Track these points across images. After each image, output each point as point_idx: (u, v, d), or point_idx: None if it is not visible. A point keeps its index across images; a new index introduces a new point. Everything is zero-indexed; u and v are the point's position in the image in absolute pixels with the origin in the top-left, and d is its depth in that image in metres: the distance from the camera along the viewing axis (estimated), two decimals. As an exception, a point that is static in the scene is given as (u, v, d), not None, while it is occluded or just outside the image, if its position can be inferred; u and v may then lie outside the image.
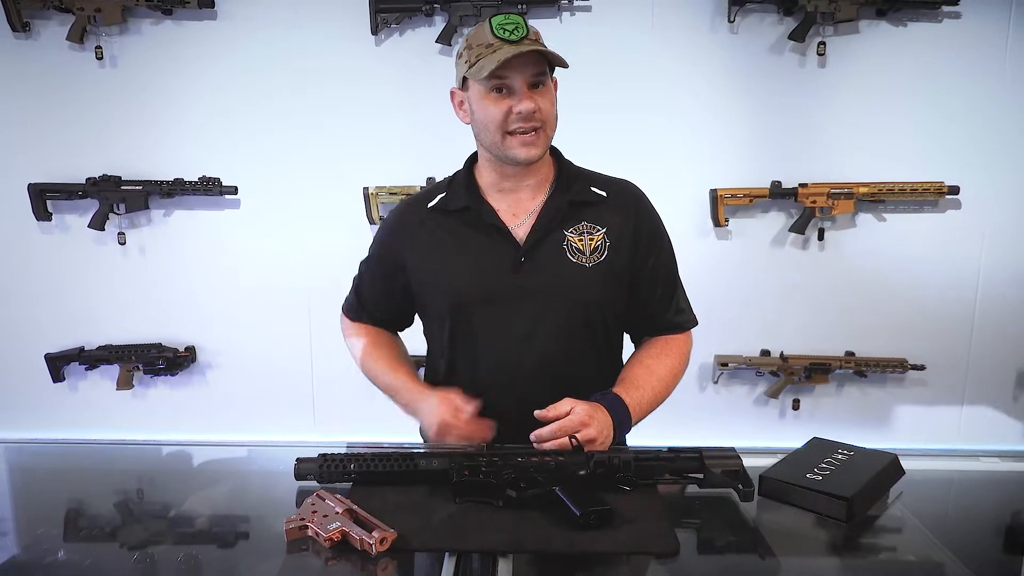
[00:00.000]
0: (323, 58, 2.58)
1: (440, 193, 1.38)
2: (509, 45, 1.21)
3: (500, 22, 1.23)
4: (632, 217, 1.36)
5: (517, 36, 1.22)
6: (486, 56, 1.22)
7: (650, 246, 1.38)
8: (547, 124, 1.27)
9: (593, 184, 1.38)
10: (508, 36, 1.22)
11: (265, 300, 2.72)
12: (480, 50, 1.24)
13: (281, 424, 2.76)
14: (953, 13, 2.49)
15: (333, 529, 0.95)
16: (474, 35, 1.26)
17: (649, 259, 1.38)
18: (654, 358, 1.39)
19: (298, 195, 2.66)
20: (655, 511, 1.04)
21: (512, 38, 1.22)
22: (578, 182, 1.37)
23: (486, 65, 1.22)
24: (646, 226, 1.38)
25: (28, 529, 1.13)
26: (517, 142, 1.26)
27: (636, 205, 1.38)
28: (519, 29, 1.23)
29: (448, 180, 1.41)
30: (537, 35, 1.26)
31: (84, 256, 2.71)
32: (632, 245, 1.35)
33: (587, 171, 1.41)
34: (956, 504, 1.28)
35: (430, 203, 1.38)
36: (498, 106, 1.25)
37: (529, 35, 1.24)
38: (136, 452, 1.56)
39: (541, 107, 1.25)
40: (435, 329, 1.40)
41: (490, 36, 1.23)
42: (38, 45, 2.58)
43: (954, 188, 2.54)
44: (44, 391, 2.76)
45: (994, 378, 2.70)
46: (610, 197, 1.37)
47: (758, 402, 2.76)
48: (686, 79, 2.57)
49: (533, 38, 1.24)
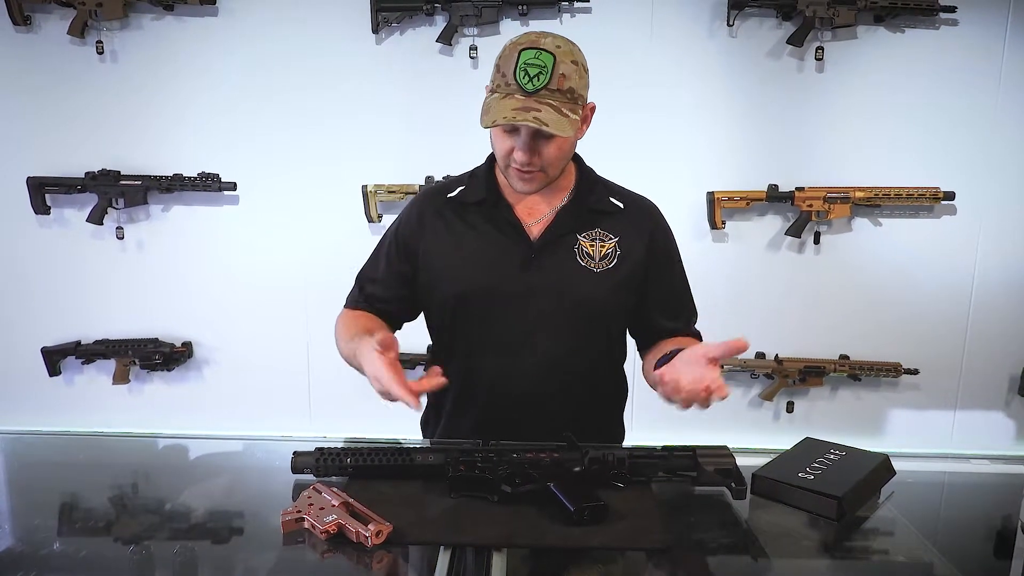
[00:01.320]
0: (324, 56, 2.59)
1: (460, 186, 1.39)
2: (522, 95, 1.19)
3: (527, 60, 1.19)
4: (647, 232, 1.38)
5: (534, 86, 1.18)
6: (498, 97, 1.22)
7: (667, 263, 1.41)
8: (548, 168, 1.27)
9: (612, 194, 1.40)
10: (526, 84, 1.19)
11: (262, 297, 2.73)
12: (499, 81, 1.22)
13: (277, 421, 2.77)
14: (950, 20, 2.51)
15: (329, 522, 0.96)
16: (505, 59, 1.22)
17: (665, 275, 1.41)
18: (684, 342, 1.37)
19: (297, 192, 2.67)
20: (648, 508, 1.05)
21: (529, 88, 1.19)
22: (597, 190, 1.38)
23: (489, 115, 1.22)
24: (661, 243, 1.40)
25: (23, 520, 1.13)
26: (515, 175, 1.28)
27: (652, 221, 1.40)
28: (541, 75, 1.18)
29: (469, 174, 1.42)
30: (563, 80, 1.19)
31: (82, 250, 2.71)
32: (645, 259, 1.36)
33: (607, 181, 1.43)
34: (945, 505, 1.30)
35: (449, 194, 1.39)
36: (503, 142, 1.26)
37: (552, 83, 1.19)
38: (132, 444, 1.56)
39: (543, 155, 1.24)
40: (439, 320, 1.39)
41: (511, 74, 1.20)
42: (39, 39, 2.58)
43: (949, 194, 2.56)
44: (40, 385, 2.77)
45: (987, 383, 2.72)
46: (627, 209, 1.39)
47: (752, 404, 2.77)
48: (685, 82, 2.58)
49: (556, 86, 1.19)
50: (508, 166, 1.28)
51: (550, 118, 1.19)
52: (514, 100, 1.20)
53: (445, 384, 1.13)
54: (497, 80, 1.24)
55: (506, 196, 1.36)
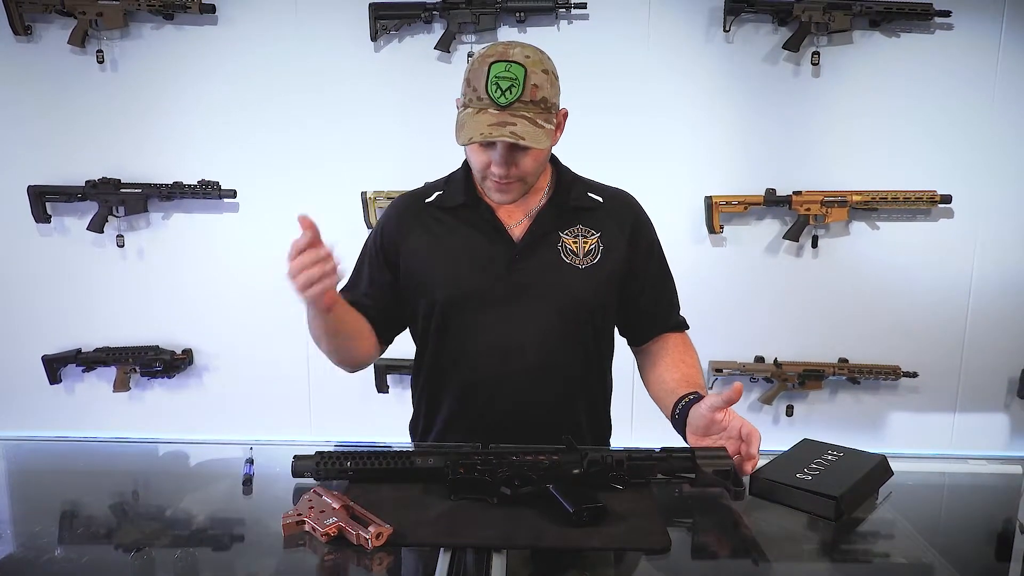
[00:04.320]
0: (323, 64, 2.60)
1: (437, 190, 1.40)
2: (495, 109, 1.20)
3: (498, 73, 1.19)
4: (628, 225, 1.39)
5: (507, 100, 1.19)
6: (471, 112, 1.22)
7: (649, 254, 1.42)
8: (525, 178, 1.28)
9: (590, 190, 1.40)
10: (499, 98, 1.19)
11: (263, 304, 2.73)
12: (471, 96, 1.22)
13: (277, 428, 2.77)
14: (945, 24, 2.52)
15: (330, 524, 0.96)
16: (475, 70, 1.22)
17: (650, 266, 1.42)
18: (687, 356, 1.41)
19: (297, 199, 2.67)
20: (647, 509, 1.05)
21: (502, 101, 1.19)
22: (575, 188, 1.39)
23: (464, 132, 1.22)
24: (644, 235, 1.41)
25: (24, 527, 1.13)
26: (493, 187, 1.29)
27: (633, 214, 1.41)
28: (513, 88, 1.18)
29: (445, 179, 1.42)
30: (536, 91, 1.20)
31: (83, 258, 2.72)
32: (628, 252, 1.38)
33: (583, 178, 1.43)
34: (943, 505, 1.30)
35: (427, 199, 1.39)
36: (479, 157, 1.27)
37: (524, 94, 1.19)
38: (133, 450, 1.57)
39: (520, 165, 1.25)
40: (425, 326, 1.38)
41: (483, 88, 1.20)
42: (39, 48, 2.60)
43: (946, 197, 2.57)
44: (41, 393, 2.77)
45: (986, 385, 2.72)
46: (606, 203, 1.39)
47: (752, 408, 2.77)
48: (682, 87, 2.60)
49: (529, 98, 1.19)
50: (485, 179, 1.29)
51: (526, 131, 1.19)
52: (488, 115, 1.20)
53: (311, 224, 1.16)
54: (468, 95, 1.23)
55: (485, 199, 1.36)
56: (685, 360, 1.40)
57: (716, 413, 1.18)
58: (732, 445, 1.16)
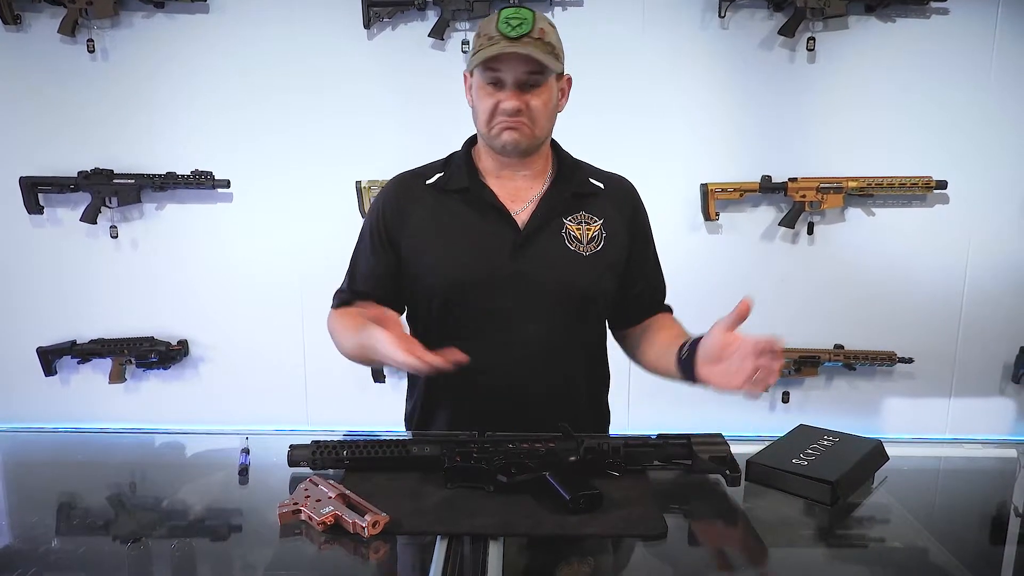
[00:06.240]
0: (315, 52, 2.58)
1: (437, 172, 1.38)
2: (506, 41, 1.22)
3: (507, 16, 1.23)
4: (628, 211, 1.40)
5: (517, 33, 1.22)
6: (484, 48, 1.24)
7: (646, 242, 1.44)
8: (535, 121, 1.28)
9: (591, 176, 1.41)
10: (509, 32, 1.22)
11: (258, 294, 2.73)
12: (483, 40, 1.25)
13: (274, 418, 2.76)
14: (941, 9, 2.51)
15: (326, 513, 0.96)
16: (484, 24, 1.28)
17: (647, 251, 1.44)
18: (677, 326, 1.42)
19: (291, 189, 2.66)
20: (643, 496, 1.05)
21: (512, 34, 1.22)
22: (577, 173, 1.39)
23: (477, 57, 1.24)
24: (641, 221, 1.43)
25: (20, 518, 1.12)
26: (501, 129, 1.28)
27: (632, 201, 1.43)
28: (523, 25, 1.22)
29: (444, 160, 1.41)
30: (544, 33, 1.24)
31: (76, 250, 2.70)
32: (627, 238, 1.38)
33: (584, 163, 1.43)
34: (939, 490, 1.30)
35: (428, 180, 1.38)
36: (487, 100, 1.27)
37: (533, 32, 1.22)
38: (129, 441, 1.57)
39: (530, 105, 1.26)
40: (424, 310, 1.37)
41: (494, 28, 1.23)
42: (29, 38, 2.57)
43: (942, 183, 2.56)
44: (36, 385, 2.77)
45: (981, 370, 2.73)
46: (607, 189, 1.40)
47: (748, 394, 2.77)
48: (677, 74, 2.58)
49: (538, 36, 1.23)
50: (493, 125, 1.28)
51: (538, 54, 1.23)
52: (500, 44, 1.22)
53: (465, 361, 1.11)
54: (478, 43, 1.26)
55: (488, 184, 1.35)
56: (675, 327, 1.42)
57: (727, 334, 1.17)
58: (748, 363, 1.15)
